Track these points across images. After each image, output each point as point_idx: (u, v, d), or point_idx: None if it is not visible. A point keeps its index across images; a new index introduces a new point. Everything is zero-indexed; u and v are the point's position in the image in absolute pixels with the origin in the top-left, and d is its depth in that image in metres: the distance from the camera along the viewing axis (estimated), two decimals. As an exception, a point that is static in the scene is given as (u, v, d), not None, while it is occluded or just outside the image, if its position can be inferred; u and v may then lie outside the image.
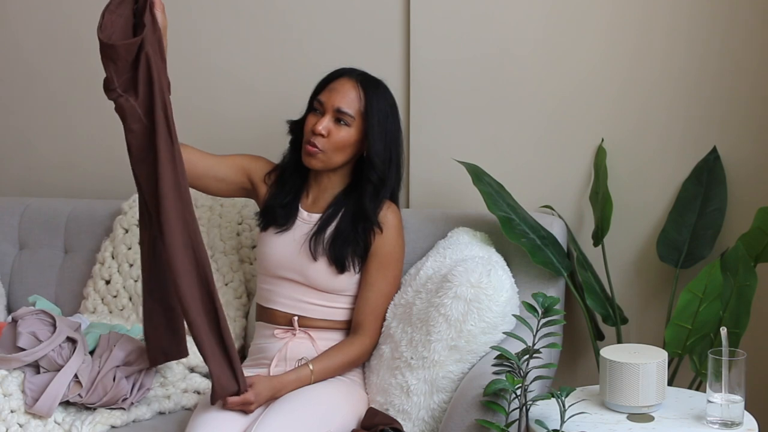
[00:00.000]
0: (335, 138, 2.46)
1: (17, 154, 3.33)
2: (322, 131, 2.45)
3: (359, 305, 2.51)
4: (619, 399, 2.18)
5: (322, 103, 2.48)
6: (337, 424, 2.34)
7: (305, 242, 2.51)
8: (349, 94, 2.48)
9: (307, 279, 2.50)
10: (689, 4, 2.71)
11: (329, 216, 2.52)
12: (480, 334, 2.35)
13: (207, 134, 3.12)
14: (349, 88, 2.48)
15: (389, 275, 2.53)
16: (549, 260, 2.61)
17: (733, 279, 2.51)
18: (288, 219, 2.54)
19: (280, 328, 2.53)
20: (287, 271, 2.52)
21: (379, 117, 2.48)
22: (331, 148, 2.47)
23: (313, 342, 2.50)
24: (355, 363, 2.50)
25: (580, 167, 2.85)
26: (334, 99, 2.47)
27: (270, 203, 2.57)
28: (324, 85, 2.52)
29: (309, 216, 2.55)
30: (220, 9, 3.09)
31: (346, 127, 2.47)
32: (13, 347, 2.44)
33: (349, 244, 2.49)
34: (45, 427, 2.39)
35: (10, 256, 3.07)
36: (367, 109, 2.47)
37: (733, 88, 2.71)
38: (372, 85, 2.51)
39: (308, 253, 2.50)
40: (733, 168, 2.73)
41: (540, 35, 2.83)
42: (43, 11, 3.24)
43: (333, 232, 2.50)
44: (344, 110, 2.46)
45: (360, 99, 2.48)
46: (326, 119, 2.47)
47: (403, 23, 2.92)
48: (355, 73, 2.52)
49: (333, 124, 2.47)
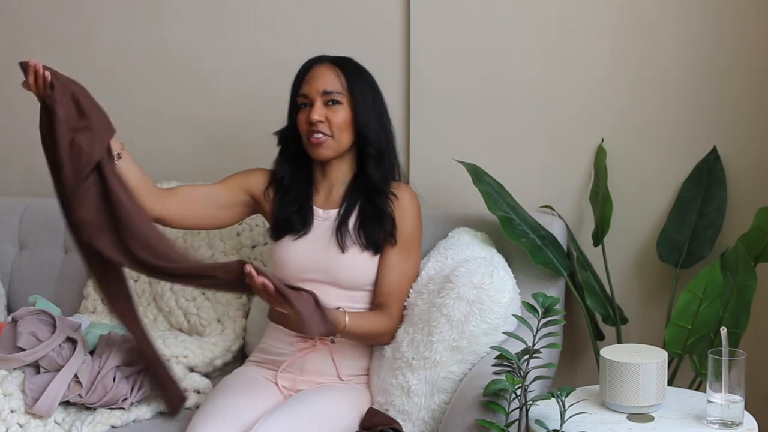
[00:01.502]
0: (335, 119, 2.46)
1: (17, 154, 3.33)
2: (320, 118, 2.45)
3: (380, 287, 2.47)
4: (619, 399, 2.18)
5: (306, 95, 2.48)
6: (341, 428, 2.33)
7: (331, 237, 2.48)
8: (328, 76, 2.48)
9: (334, 276, 2.47)
10: (690, 6, 2.71)
11: (348, 207, 2.50)
12: (482, 335, 2.35)
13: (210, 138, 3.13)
14: (325, 71, 2.48)
15: (411, 259, 2.51)
16: (549, 260, 2.61)
17: (733, 279, 2.51)
18: (305, 224, 2.51)
19: (299, 336, 2.46)
20: (311, 272, 2.47)
21: (362, 89, 2.49)
22: (336, 129, 2.46)
23: (331, 352, 2.47)
24: (380, 339, 2.46)
25: (580, 167, 2.85)
26: (316, 85, 2.47)
27: (281, 214, 2.53)
28: (300, 80, 2.51)
29: (325, 213, 2.53)
30: (220, 10, 3.09)
31: (339, 105, 2.47)
32: (13, 347, 2.44)
33: (375, 222, 2.47)
34: (45, 427, 2.39)
35: (10, 256, 3.07)
36: (350, 83, 2.47)
37: (734, 88, 2.71)
38: (345, 63, 2.52)
39: (337, 247, 2.47)
40: (733, 168, 2.73)
41: (540, 35, 2.83)
42: (43, 11, 3.24)
43: (357, 219, 2.48)
44: (330, 90, 2.46)
45: (339, 76, 2.48)
46: (318, 106, 2.46)
47: (403, 23, 2.92)
48: (324, 58, 2.52)
49: (326, 108, 2.46)
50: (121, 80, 3.19)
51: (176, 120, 3.16)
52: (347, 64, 2.52)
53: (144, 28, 3.16)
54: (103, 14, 3.19)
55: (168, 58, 3.15)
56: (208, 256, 2.87)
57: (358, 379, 2.50)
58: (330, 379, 2.47)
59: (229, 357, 2.75)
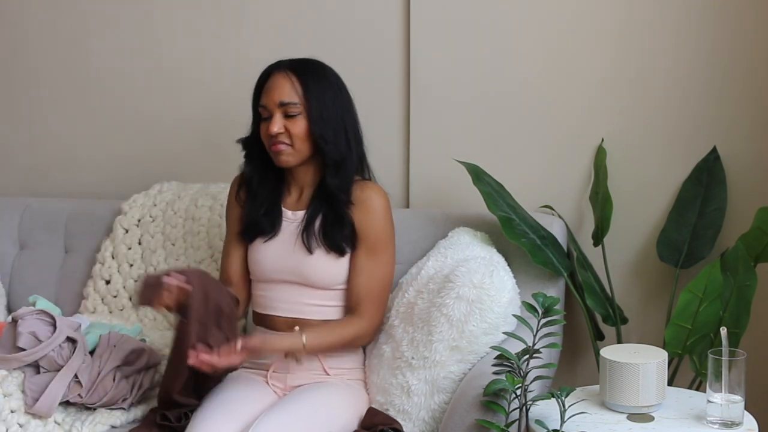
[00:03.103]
0: (294, 130, 2.44)
1: (18, 154, 3.33)
2: (279, 130, 2.44)
3: (350, 290, 2.49)
4: (619, 399, 2.18)
5: (265, 106, 2.46)
6: (339, 427, 2.33)
7: (297, 239, 2.50)
8: (283, 86, 2.45)
9: (305, 277, 2.49)
10: (691, 5, 2.71)
11: (314, 210, 2.50)
12: (482, 334, 2.35)
13: (210, 138, 3.13)
14: (281, 80, 2.46)
15: (379, 259, 2.49)
16: (549, 260, 2.61)
17: (733, 279, 2.51)
18: (274, 225, 2.52)
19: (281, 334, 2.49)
20: (283, 273, 2.50)
21: (319, 96, 2.46)
22: (296, 140, 2.45)
23: None
24: (352, 344, 2.48)
25: (580, 167, 2.85)
26: (273, 96, 2.45)
27: (250, 218, 2.54)
28: (259, 90, 2.50)
29: (293, 214, 2.53)
30: (219, 13, 3.09)
31: (298, 116, 2.45)
32: (13, 347, 2.44)
33: (337, 227, 2.47)
34: (45, 427, 2.39)
35: (10, 256, 3.07)
36: (305, 91, 2.45)
37: (734, 88, 2.71)
38: (302, 67, 2.49)
39: (303, 248, 2.48)
40: (733, 168, 2.73)
41: (540, 36, 2.83)
42: (43, 11, 3.24)
43: (321, 223, 2.49)
44: (286, 101, 2.44)
45: (294, 85, 2.45)
46: (276, 118, 2.44)
47: (403, 23, 2.92)
48: (282, 64, 2.50)
49: (285, 120, 2.45)
50: (120, 80, 3.18)
51: (176, 120, 3.16)
52: (305, 69, 2.49)
53: (143, 29, 3.16)
54: (102, 14, 3.19)
55: (168, 59, 3.15)
56: (208, 256, 2.88)
57: (351, 374, 2.50)
58: (318, 374, 2.48)
59: (229, 357, 2.75)
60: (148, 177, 3.12)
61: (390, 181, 2.81)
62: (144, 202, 3.00)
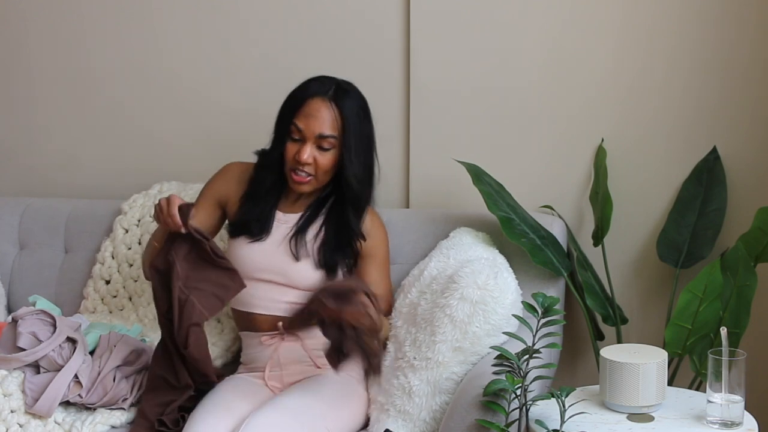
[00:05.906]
0: (322, 162, 2.44)
1: (17, 154, 3.33)
2: (309, 160, 2.43)
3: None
4: (619, 399, 2.18)
5: (301, 130, 2.44)
6: (336, 422, 2.34)
7: (284, 242, 2.50)
8: (325, 117, 2.43)
9: (289, 279, 2.48)
10: (691, 6, 2.71)
11: (310, 216, 2.51)
12: (485, 336, 2.34)
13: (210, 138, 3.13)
14: (324, 110, 2.43)
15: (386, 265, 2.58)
16: (549, 260, 2.61)
17: (733, 279, 2.51)
18: (262, 231, 2.52)
19: (265, 334, 2.51)
20: (267, 273, 2.50)
21: (355, 134, 2.45)
22: (320, 172, 2.46)
23: (302, 343, 2.48)
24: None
25: (580, 167, 2.85)
26: (313, 126, 2.43)
27: (243, 218, 2.54)
28: (296, 107, 2.46)
29: (285, 216, 2.53)
30: (221, 13, 3.09)
31: (330, 150, 2.45)
32: (13, 347, 2.44)
33: (337, 252, 2.49)
34: (45, 427, 2.39)
35: (10, 256, 3.07)
36: (344, 129, 2.44)
37: (734, 88, 2.71)
38: (342, 95, 2.46)
39: (290, 253, 2.49)
40: (733, 168, 2.73)
41: (540, 36, 2.83)
42: (43, 11, 3.24)
43: (319, 238, 2.49)
44: (326, 134, 2.43)
45: (336, 119, 2.44)
46: (308, 147, 2.43)
47: (403, 23, 2.92)
48: (324, 89, 2.45)
49: (317, 151, 2.44)
50: (120, 80, 3.18)
51: (176, 120, 3.16)
52: (348, 101, 2.46)
53: (143, 29, 3.16)
54: (102, 15, 3.19)
55: (168, 59, 3.15)
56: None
57: (351, 371, 2.49)
58: (308, 368, 2.49)
59: (228, 357, 2.74)
60: (148, 177, 3.11)
61: (390, 181, 2.82)
62: (144, 202, 2.99)
